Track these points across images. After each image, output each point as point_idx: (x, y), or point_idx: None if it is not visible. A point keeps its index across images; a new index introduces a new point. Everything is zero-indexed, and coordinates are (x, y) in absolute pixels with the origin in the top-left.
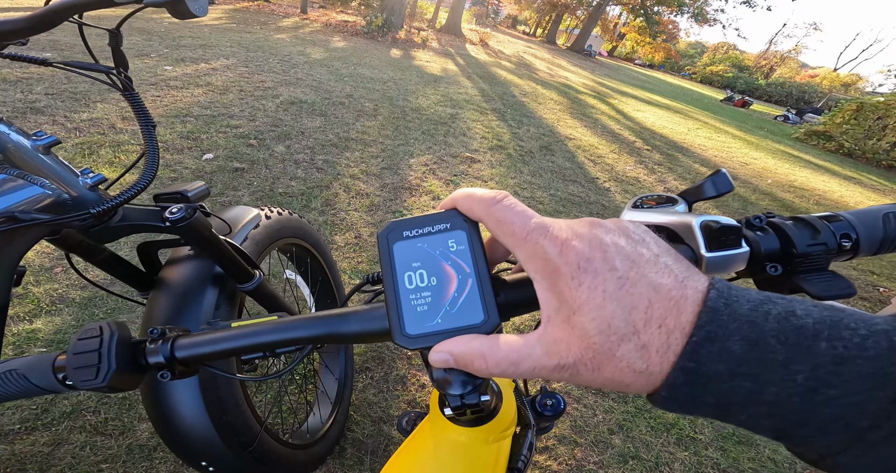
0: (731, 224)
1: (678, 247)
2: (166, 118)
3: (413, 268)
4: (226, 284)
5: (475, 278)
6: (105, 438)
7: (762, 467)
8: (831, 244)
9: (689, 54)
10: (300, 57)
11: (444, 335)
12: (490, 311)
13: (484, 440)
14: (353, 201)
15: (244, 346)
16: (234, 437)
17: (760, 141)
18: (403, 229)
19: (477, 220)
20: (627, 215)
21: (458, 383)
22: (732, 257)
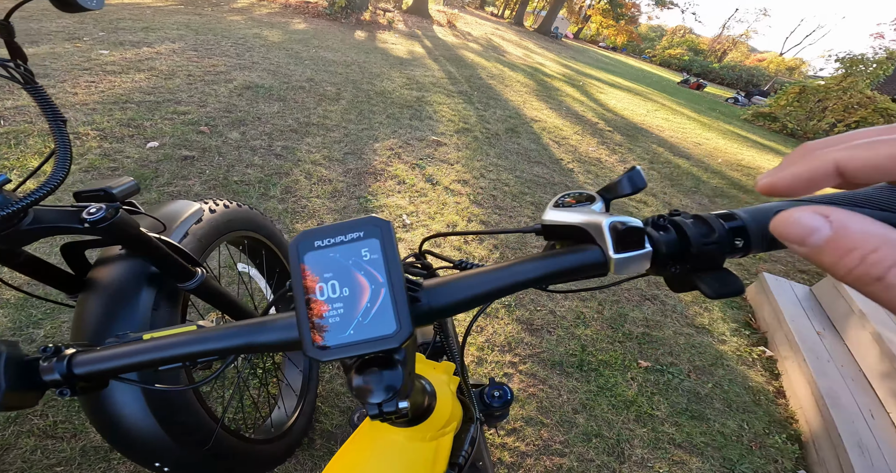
0: (636, 226)
1: (588, 247)
2: (103, 105)
3: (325, 279)
4: (164, 283)
5: (388, 288)
6: (56, 441)
7: (713, 440)
8: (724, 243)
9: (650, 37)
10: (256, 40)
11: (357, 348)
12: (403, 321)
13: (421, 438)
14: (315, 188)
15: (156, 359)
16: (187, 436)
17: (712, 122)
18: (315, 239)
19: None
20: (549, 215)
21: (373, 391)
22: (637, 257)
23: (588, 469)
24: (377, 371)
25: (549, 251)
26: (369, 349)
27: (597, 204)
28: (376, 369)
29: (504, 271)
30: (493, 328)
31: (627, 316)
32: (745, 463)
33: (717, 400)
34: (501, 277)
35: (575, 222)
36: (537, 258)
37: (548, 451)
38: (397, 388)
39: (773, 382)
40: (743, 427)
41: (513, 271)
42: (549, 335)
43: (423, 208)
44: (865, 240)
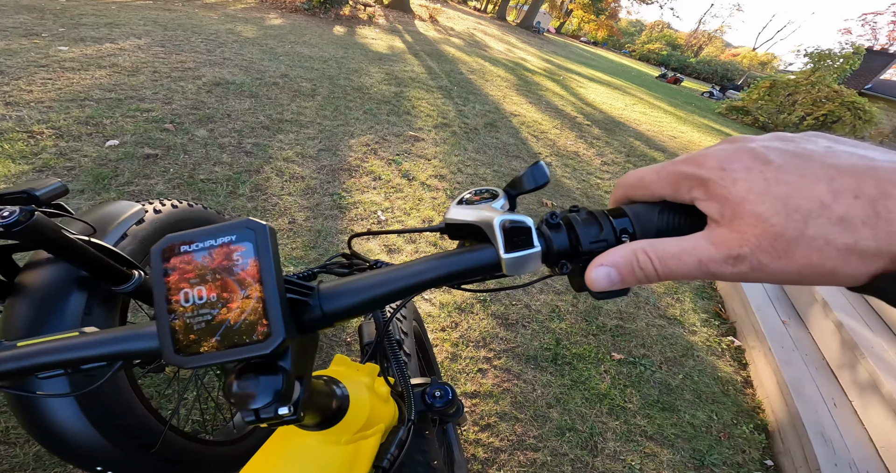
0: (522, 225)
1: (483, 247)
2: (59, 103)
3: (191, 284)
4: (97, 286)
5: (261, 293)
6: (8, 447)
7: (683, 431)
8: (611, 241)
9: (630, 32)
10: (229, 35)
11: (223, 355)
12: (275, 326)
13: (335, 441)
14: (287, 185)
15: (30, 366)
16: (129, 440)
17: (688, 116)
18: (181, 243)
19: (649, 197)
20: (451, 213)
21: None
22: (527, 257)
23: (562, 464)
24: (254, 377)
25: (449, 251)
26: (236, 356)
27: (498, 201)
28: (253, 374)
29: (402, 272)
30: (467, 324)
31: (602, 309)
32: (714, 454)
33: (687, 391)
34: (399, 278)
35: (472, 220)
36: (437, 258)
37: (522, 446)
38: (276, 394)
39: (741, 372)
40: (712, 417)
41: (411, 271)
42: (524, 329)
43: (398, 204)
44: (630, 260)
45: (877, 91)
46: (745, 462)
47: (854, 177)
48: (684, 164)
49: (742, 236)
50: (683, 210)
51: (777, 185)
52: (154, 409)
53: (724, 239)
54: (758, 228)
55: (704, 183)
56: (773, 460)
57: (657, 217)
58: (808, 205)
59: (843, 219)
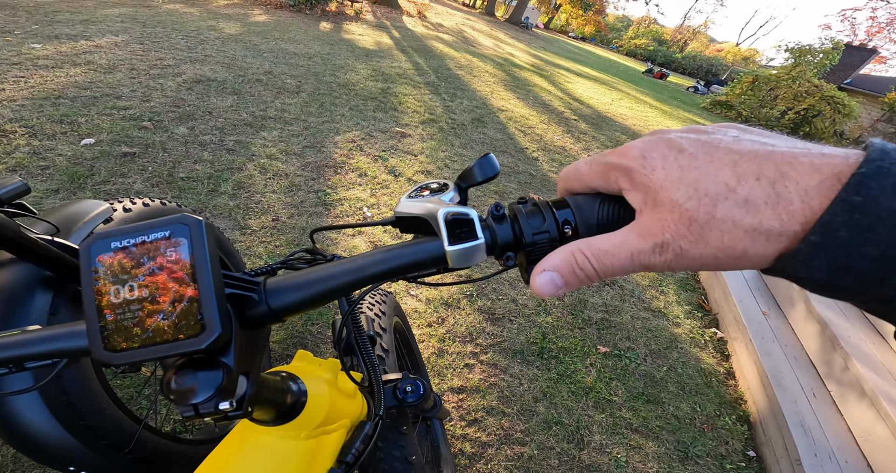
0: (464, 217)
1: (430, 239)
2: (32, 101)
3: (121, 280)
4: (62, 287)
5: (195, 288)
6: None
7: (667, 423)
8: (553, 232)
9: (617, 27)
10: (211, 32)
11: (153, 351)
12: (210, 322)
13: (294, 436)
14: (271, 183)
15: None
16: (101, 440)
17: (674, 110)
18: (112, 240)
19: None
20: (401, 206)
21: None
22: (470, 249)
23: (549, 457)
24: (192, 373)
25: (397, 244)
26: (167, 352)
27: (448, 194)
28: (192, 370)
29: (349, 266)
30: (454, 319)
31: (587, 302)
32: (698, 446)
33: (671, 383)
34: (346, 272)
35: (419, 213)
36: (384, 251)
37: (509, 440)
38: (217, 389)
39: (723, 363)
40: (696, 409)
41: (358, 265)
42: (510, 323)
43: (384, 200)
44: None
45: (856, 86)
46: (729, 453)
47: (755, 161)
48: (611, 155)
49: (663, 224)
50: (618, 201)
51: (689, 171)
52: (128, 409)
53: (649, 228)
54: (674, 213)
55: (629, 172)
56: (756, 451)
57: (597, 208)
58: (715, 189)
59: (747, 201)
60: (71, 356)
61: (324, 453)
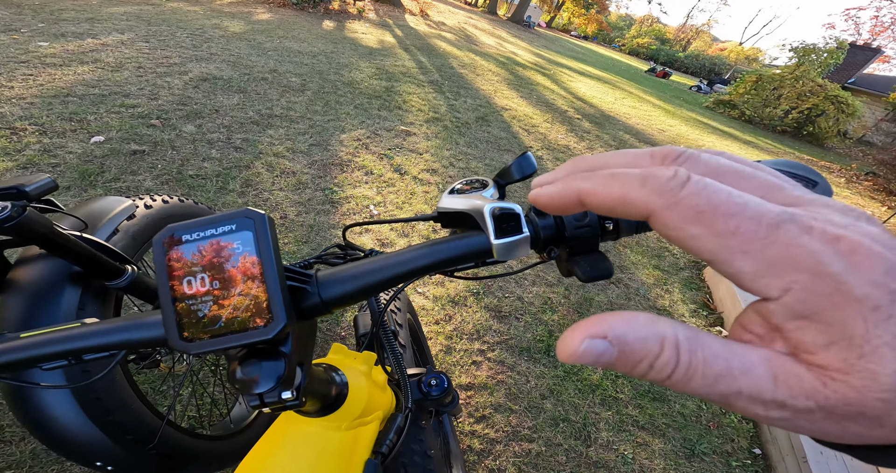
0: (511, 210)
1: (474, 234)
2: (42, 99)
3: (193, 272)
4: (90, 282)
5: (262, 280)
6: (5, 445)
7: (674, 421)
8: (595, 227)
9: (619, 26)
10: (215, 31)
11: (225, 341)
12: (276, 312)
13: (336, 427)
14: (278, 181)
15: (34, 356)
16: (127, 435)
17: (676, 110)
18: (182, 233)
19: (644, 213)
20: (443, 202)
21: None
22: (515, 242)
23: (556, 454)
24: (257, 362)
25: (441, 238)
26: (239, 341)
27: (488, 190)
28: (256, 360)
29: (397, 259)
30: (461, 317)
31: (593, 300)
32: (704, 443)
33: None
34: (394, 265)
35: (462, 209)
36: (429, 246)
37: (517, 437)
38: (278, 378)
39: None
40: (701, 407)
41: (406, 258)
42: (516, 321)
43: (390, 198)
44: (647, 349)
45: (860, 85)
46: (734, 450)
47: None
48: (812, 237)
49: (821, 390)
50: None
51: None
52: (151, 404)
53: (795, 381)
54: (856, 392)
55: (839, 294)
56: (761, 448)
57: None
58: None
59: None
60: (145, 346)
61: (361, 444)
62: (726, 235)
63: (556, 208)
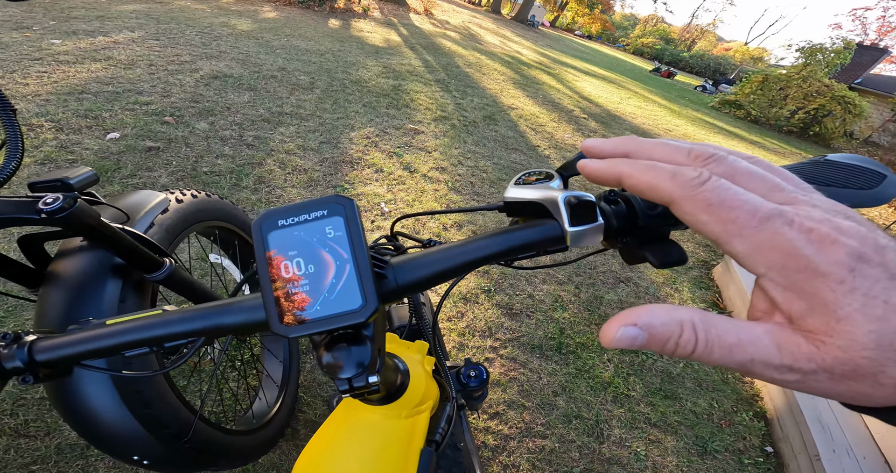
0: (587, 199)
1: (546, 222)
2: (57, 96)
3: (290, 256)
4: (130, 274)
5: (352, 264)
6: (30, 440)
7: (685, 419)
8: (669, 215)
9: (624, 26)
10: (223, 29)
11: (323, 323)
12: (368, 295)
13: (396, 416)
14: (290, 178)
15: (120, 343)
16: (164, 429)
17: (682, 109)
18: (278, 218)
19: (667, 200)
20: (510, 192)
21: (342, 367)
22: (590, 230)
23: (569, 450)
24: (346, 347)
25: (510, 226)
26: (336, 324)
27: (555, 181)
28: (345, 344)
29: (468, 247)
30: (473, 314)
31: (603, 299)
32: (717, 441)
33: (688, 380)
34: (465, 252)
35: (533, 198)
36: (499, 233)
37: (530, 433)
38: (366, 363)
39: None
40: (713, 405)
41: (476, 246)
42: (528, 319)
43: (401, 196)
44: (670, 331)
45: (866, 86)
46: (746, 448)
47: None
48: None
49: (816, 354)
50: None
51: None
52: (184, 398)
53: (795, 347)
54: (845, 353)
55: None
56: (773, 446)
57: None
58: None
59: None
60: (243, 331)
61: (418, 432)
62: (727, 222)
63: (596, 179)
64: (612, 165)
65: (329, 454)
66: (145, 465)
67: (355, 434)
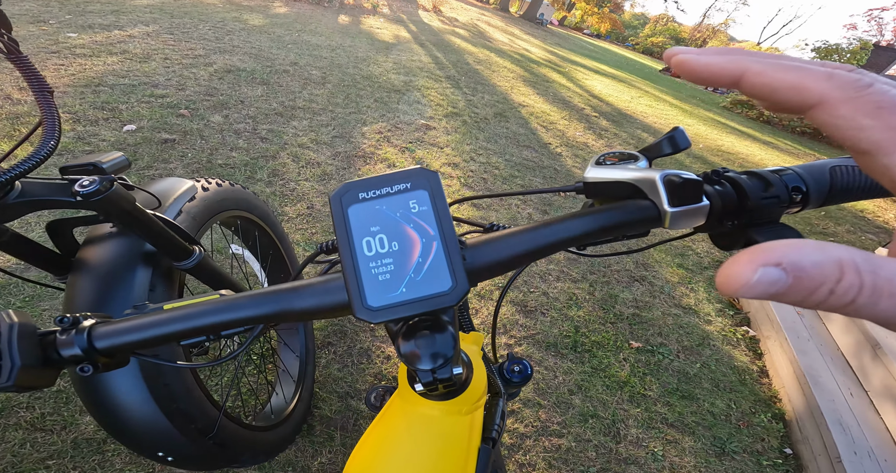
0: (693, 178)
1: (640, 203)
2: (74, 88)
3: (372, 233)
4: (159, 262)
5: (440, 242)
6: (46, 434)
7: (703, 419)
8: (783, 197)
9: (633, 25)
10: (236, 23)
11: (411, 307)
12: (458, 276)
13: (457, 412)
14: (304, 171)
15: (180, 330)
16: (190, 425)
17: (693, 109)
18: (359, 191)
19: (815, 102)
20: (591, 172)
21: (427, 356)
22: (694, 211)
23: (586, 449)
24: (429, 335)
25: (596, 208)
26: (425, 307)
27: (641, 162)
28: (427, 332)
29: (552, 228)
30: (487, 311)
31: (618, 297)
32: (735, 442)
33: (705, 380)
34: (550, 233)
35: (622, 178)
36: (583, 215)
37: (546, 432)
38: (450, 353)
39: (756, 361)
40: (731, 406)
41: (561, 227)
42: (542, 316)
43: None
44: (825, 275)
45: None
46: (765, 449)
47: None
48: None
49: None
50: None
51: None
52: (209, 393)
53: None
54: None
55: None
56: (792, 448)
57: (828, 175)
58: None
59: None
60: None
61: (475, 429)
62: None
63: (705, 76)
64: (735, 58)
65: (386, 452)
66: (170, 462)
67: (414, 431)
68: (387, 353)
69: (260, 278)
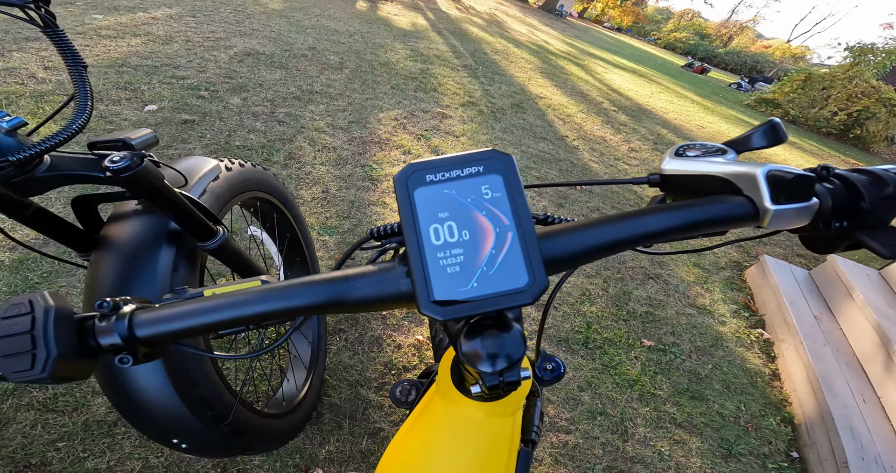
0: (804, 174)
1: (734, 199)
2: (98, 68)
3: (440, 220)
4: (184, 242)
5: (516, 232)
6: (57, 415)
7: (711, 420)
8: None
9: (656, 19)
10: (256, 7)
11: (483, 304)
12: (536, 271)
13: (501, 413)
14: (320, 155)
15: (225, 319)
16: (207, 411)
17: (716, 106)
18: (426, 173)
19: None
20: (671, 164)
21: (494, 358)
22: (800, 210)
23: (593, 447)
24: (497, 335)
25: (681, 202)
26: (498, 305)
27: (729, 155)
28: (495, 331)
29: (634, 222)
30: None
31: (632, 295)
32: (742, 444)
33: (716, 381)
34: (630, 227)
35: (711, 172)
36: (667, 210)
37: (554, 428)
38: (518, 355)
39: (769, 364)
40: (740, 408)
41: (643, 221)
42: (555, 311)
43: None
44: None
45: None
46: (772, 453)
47: None
48: None
49: None
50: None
51: None
52: (225, 379)
53: None
54: None
55: None
56: (799, 452)
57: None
58: None
59: None
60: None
61: (516, 431)
62: None
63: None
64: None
65: (428, 453)
66: (183, 449)
67: (457, 432)
68: (397, 342)
69: (276, 262)
